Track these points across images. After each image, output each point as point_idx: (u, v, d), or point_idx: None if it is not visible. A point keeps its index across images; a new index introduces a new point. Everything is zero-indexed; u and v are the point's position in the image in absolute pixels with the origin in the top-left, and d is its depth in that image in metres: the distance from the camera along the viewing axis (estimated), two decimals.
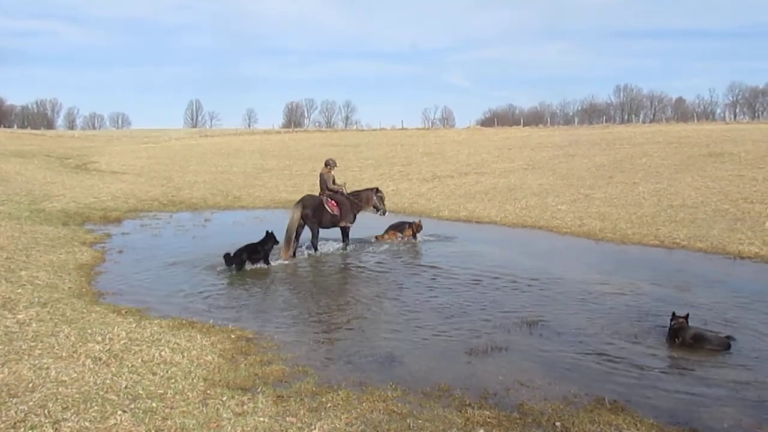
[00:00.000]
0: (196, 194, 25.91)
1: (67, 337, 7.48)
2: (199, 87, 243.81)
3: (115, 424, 5.29)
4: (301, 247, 14.22)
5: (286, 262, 13.21)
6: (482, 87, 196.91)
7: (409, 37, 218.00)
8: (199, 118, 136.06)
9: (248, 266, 12.40)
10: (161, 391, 6.02)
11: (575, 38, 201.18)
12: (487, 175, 29.02)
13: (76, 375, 6.28)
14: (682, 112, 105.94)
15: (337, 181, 15.16)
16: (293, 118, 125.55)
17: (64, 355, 6.88)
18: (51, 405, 5.53)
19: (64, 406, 5.54)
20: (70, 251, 13.28)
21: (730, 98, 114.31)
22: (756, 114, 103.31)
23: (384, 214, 15.75)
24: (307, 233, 14.22)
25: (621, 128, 55.78)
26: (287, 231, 13.64)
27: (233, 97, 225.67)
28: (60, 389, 5.89)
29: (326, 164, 15.07)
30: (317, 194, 14.86)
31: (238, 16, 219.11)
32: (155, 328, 8.09)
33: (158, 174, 33.91)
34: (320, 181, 15.11)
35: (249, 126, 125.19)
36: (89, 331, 7.75)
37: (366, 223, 15.77)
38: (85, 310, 8.78)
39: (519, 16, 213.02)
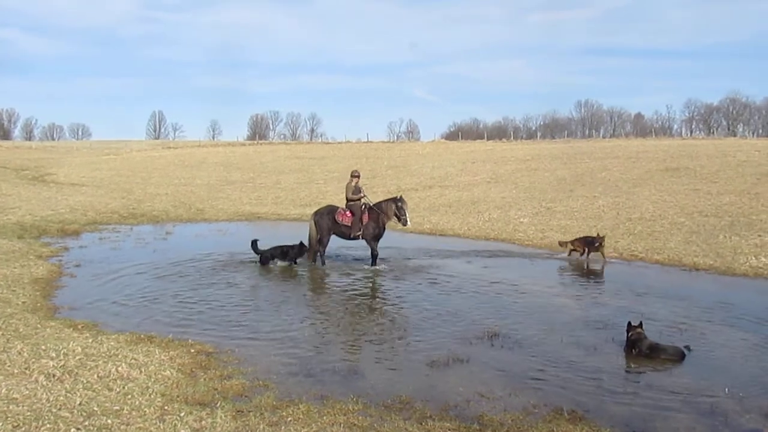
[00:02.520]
0: (158, 207, 25.49)
1: (20, 353, 7.29)
2: (162, 98, 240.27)
3: None
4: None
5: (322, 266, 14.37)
6: (447, 101, 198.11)
7: (374, 51, 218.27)
8: (162, 130, 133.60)
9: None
10: (117, 408, 5.90)
11: (538, 55, 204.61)
12: (451, 188, 29.30)
13: (27, 392, 6.11)
14: (640, 127, 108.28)
15: (363, 191, 14.90)
16: (258, 131, 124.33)
17: (15, 371, 6.70)
18: (1, 424, 5.37)
19: (15, 424, 5.39)
20: (24, 265, 12.92)
21: (687, 114, 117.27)
22: (711, 130, 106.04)
23: (405, 225, 14.75)
24: (337, 242, 14.94)
25: (582, 143, 56.87)
26: (308, 239, 14.58)
27: (197, 109, 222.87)
28: (10, 407, 5.73)
29: (351, 175, 15.13)
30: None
31: (201, 28, 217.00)
32: (112, 343, 7.93)
33: (119, 186, 33.29)
34: None
35: (213, 138, 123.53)
36: (43, 346, 7.56)
37: None
38: (39, 326, 8.56)
39: (482, 33, 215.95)
